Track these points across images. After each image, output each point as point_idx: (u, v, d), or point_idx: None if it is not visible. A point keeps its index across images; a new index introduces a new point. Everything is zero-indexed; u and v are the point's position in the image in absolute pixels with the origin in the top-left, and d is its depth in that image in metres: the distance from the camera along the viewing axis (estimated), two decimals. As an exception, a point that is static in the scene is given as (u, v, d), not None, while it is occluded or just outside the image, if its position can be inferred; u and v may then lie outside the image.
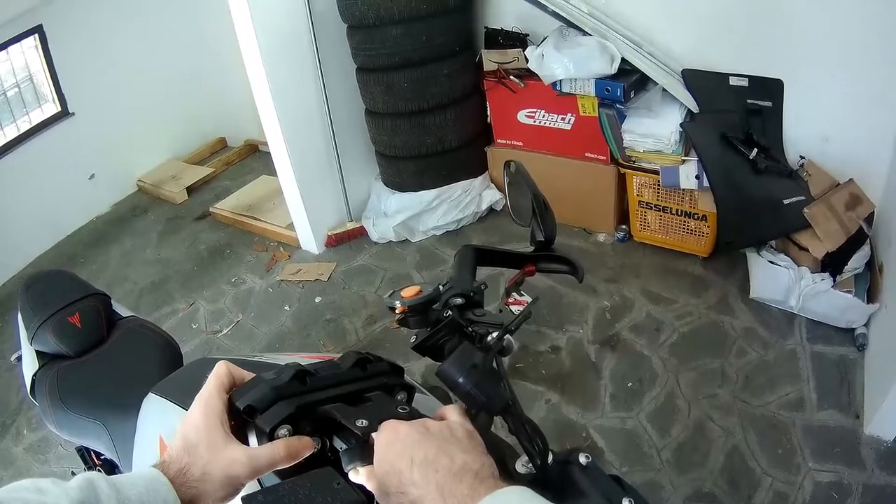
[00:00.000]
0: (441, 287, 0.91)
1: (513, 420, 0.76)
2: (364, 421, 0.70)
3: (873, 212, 2.72)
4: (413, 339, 0.87)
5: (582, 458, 0.70)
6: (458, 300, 0.89)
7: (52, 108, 4.26)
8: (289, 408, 0.70)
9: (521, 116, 3.40)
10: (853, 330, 2.61)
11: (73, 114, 4.29)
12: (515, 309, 0.92)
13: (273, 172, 3.70)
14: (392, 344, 2.87)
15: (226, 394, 0.71)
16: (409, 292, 0.88)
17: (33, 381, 1.66)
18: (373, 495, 0.66)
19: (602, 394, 2.59)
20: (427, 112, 3.37)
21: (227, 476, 0.66)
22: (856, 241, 2.63)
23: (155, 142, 4.95)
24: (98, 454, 1.76)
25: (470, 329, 0.85)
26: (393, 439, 0.66)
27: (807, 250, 2.65)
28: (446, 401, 1.44)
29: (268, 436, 0.68)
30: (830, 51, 2.63)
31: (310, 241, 3.75)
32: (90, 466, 1.80)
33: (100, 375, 1.60)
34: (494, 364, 0.77)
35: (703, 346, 2.73)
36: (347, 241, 3.80)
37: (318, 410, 0.72)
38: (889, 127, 2.62)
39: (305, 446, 0.70)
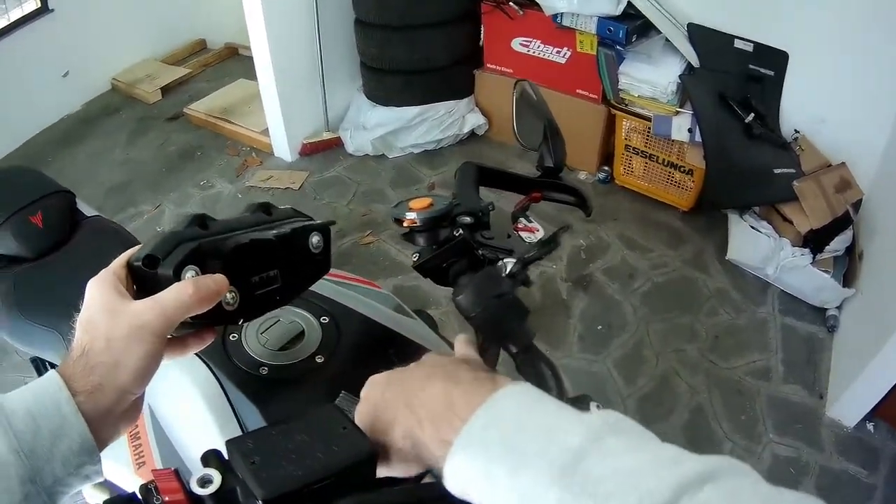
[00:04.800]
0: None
1: (529, 360, 0.71)
2: None
3: (861, 199, 2.71)
4: (415, 257, 0.79)
5: (593, 408, 0.66)
6: (467, 219, 0.80)
7: (32, 4, 3.99)
8: (191, 245, 0.61)
9: (516, 44, 3.29)
10: (825, 310, 2.62)
11: (52, 10, 4.03)
12: (524, 235, 0.86)
13: (251, 77, 3.55)
14: (359, 260, 2.79)
15: (123, 268, 0.62)
16: (419, 204, 0.78)
17: None
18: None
19: (571, 333, 2.58)
20: (419, 28, 3.24)
21: (135, 329, 0.56)
22: (840, 223, 2.63)
23: (133, 41, 4.67)
24: (53, 365, 1.66)
25: (479, 252, 0.78)
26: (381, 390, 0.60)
27: (791, 223, 2.64)
28: (430, 322, 1.40)
29: (174, 281, 0.59)
30: (837, 34, 2.58)
31: (283, 149, 3.63)
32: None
33: (59, 280, 1.51)
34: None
35: (676, 299, 2.72)
36: (322, 151, 3.68)
37: (228, 245, 0.64)
38: (886, 118, 2.59)
39: (220, 284, 0.61)
